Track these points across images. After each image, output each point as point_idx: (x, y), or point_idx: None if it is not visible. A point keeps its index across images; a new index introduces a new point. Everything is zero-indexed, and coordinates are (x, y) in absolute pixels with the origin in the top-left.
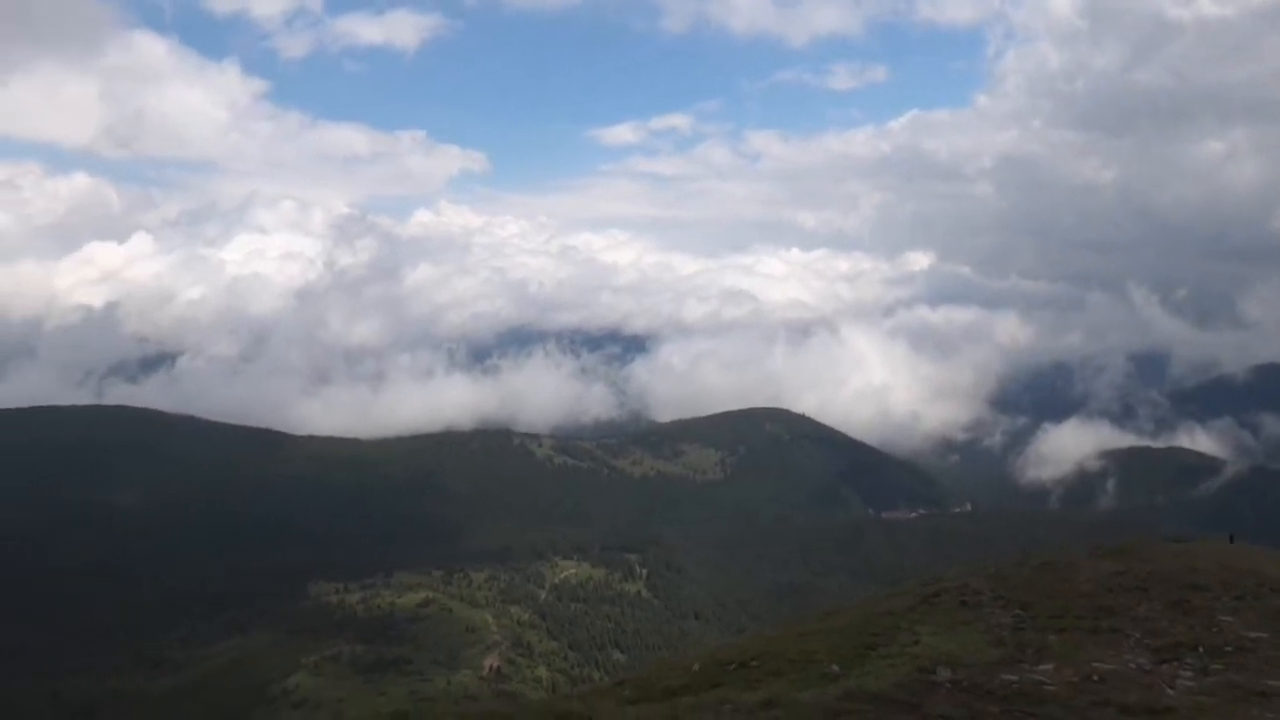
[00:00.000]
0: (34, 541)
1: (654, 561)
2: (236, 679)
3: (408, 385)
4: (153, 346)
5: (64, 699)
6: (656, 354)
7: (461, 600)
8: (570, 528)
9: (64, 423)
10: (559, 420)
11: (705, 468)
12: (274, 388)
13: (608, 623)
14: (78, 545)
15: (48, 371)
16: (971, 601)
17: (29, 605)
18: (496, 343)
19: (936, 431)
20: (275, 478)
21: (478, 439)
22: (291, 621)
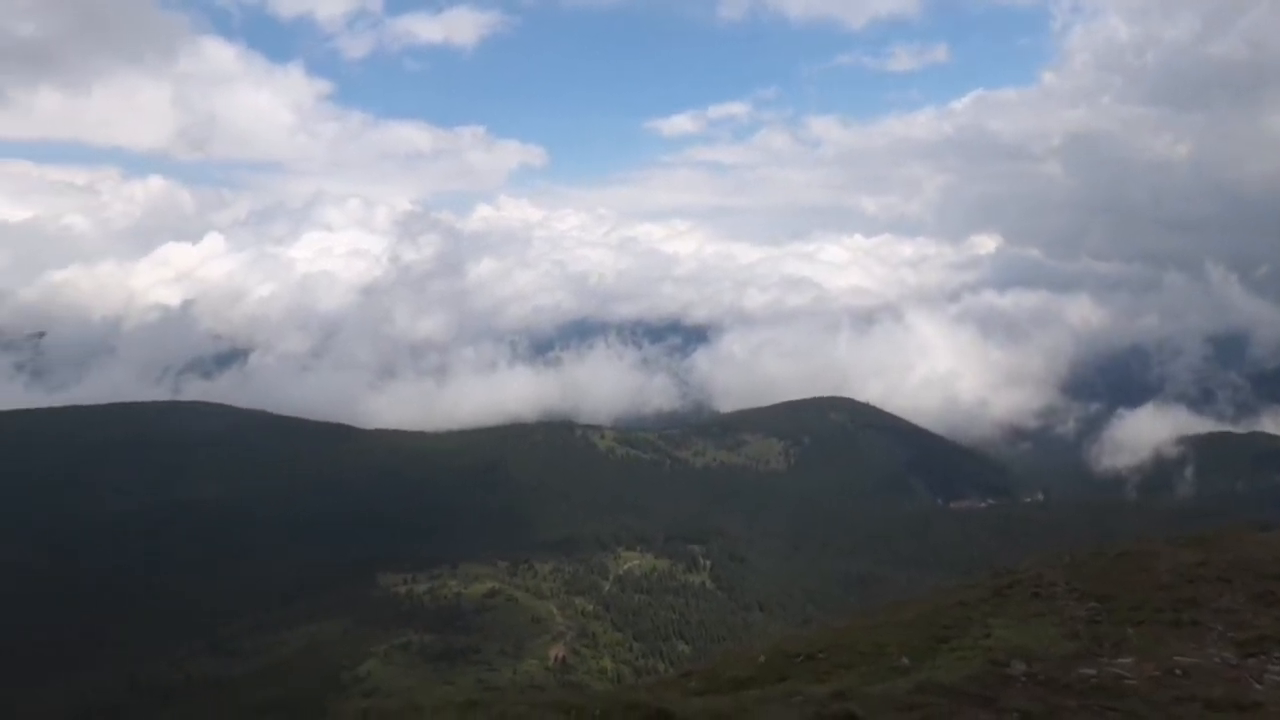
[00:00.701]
0: (114, 533)
1: (717, 552)
2: (308, 666)
3: (471, 378)
4: (226, 343)
5: (142, 685)
6: (718, 344)
7: (527, 591)
8: (633, 519)
9: (143, 418)
10: (621, 411)
11: (768, 458)
12: (342, 382)
13: (672, 614)
14: (155, 536)
15: (127, 369)
16: (1045, 593)
17: (109, 594)
18: (558, 335)
19: (1006, 419)
20: (344, 471)
21: (540, 431)
22: (362, 611)
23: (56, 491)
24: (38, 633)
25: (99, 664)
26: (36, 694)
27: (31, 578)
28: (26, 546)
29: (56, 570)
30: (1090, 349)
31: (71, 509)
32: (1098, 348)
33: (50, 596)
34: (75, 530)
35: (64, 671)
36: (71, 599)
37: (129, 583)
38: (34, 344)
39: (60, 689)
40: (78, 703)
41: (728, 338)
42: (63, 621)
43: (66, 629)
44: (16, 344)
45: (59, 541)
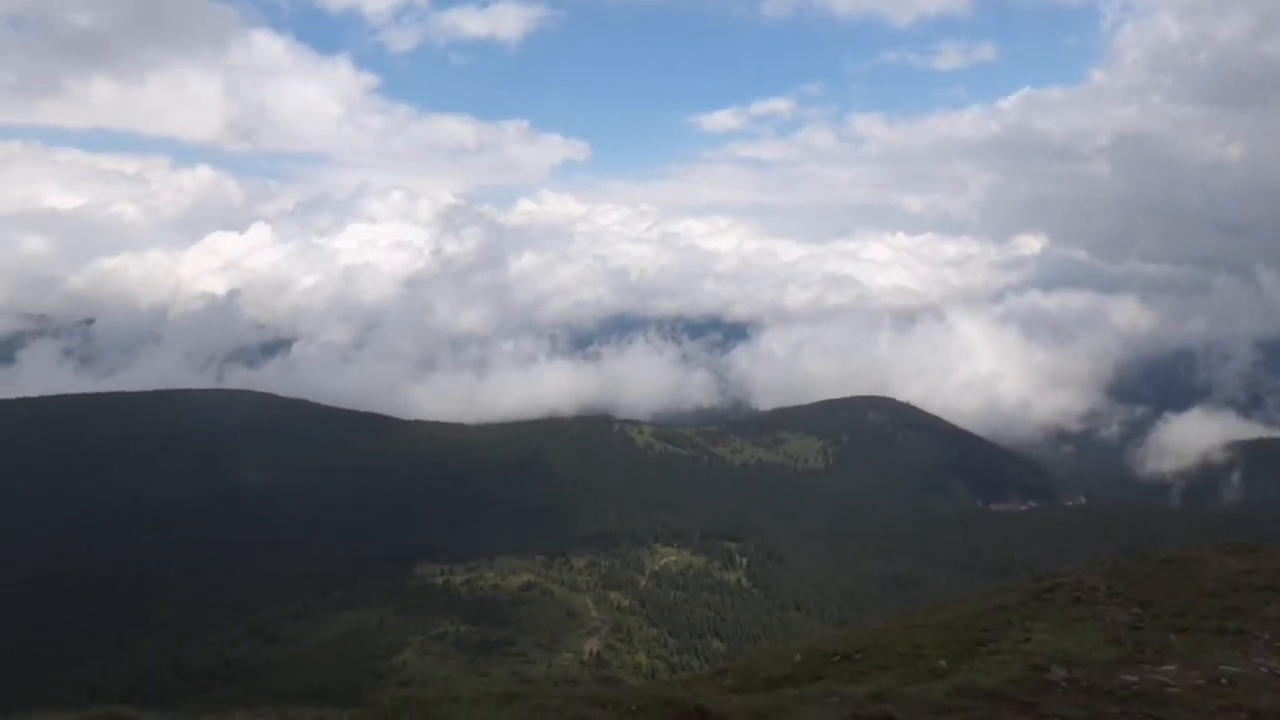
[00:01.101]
0: (159, 518)
1: (754, 550)
2: (346, 655)
3: (511, 372)
4: (270, 333)
5: (185, 669)
6: (758, 341)
7: (563, 584)
8: (670, 515)
9: (187, 406)
10: (659, 407)
11: (807, 456)
12: (383, 373)
13: (707, 611)
14: (198, 522)
15: (173, 356)
16: (1086, 598)
17: (154, 578)
18: (598, 330)
19: (1049, 421)
20: (383, 461)
21: (579, 425)
22: (399, 601)
23: (103, 476)
24: (83, 615)
25: (144, 648)
26: (80, 677)
27: (78, 561)
28: (74, 530)
29: (102, 554)
30: (1136, 352)
31: (118, 494)
32: (1144, 350)
33: (96, 580)
34: (122, 515)
35: (108, 655)
36: (117, 583)
37: (173, 568)
38: (83, 330)
39: (104, 672)
40: (121, 686)
41: (768, 335)
42: (108, 605)
43: (112, 612)
44: (66, 330)
45: (105, 525)
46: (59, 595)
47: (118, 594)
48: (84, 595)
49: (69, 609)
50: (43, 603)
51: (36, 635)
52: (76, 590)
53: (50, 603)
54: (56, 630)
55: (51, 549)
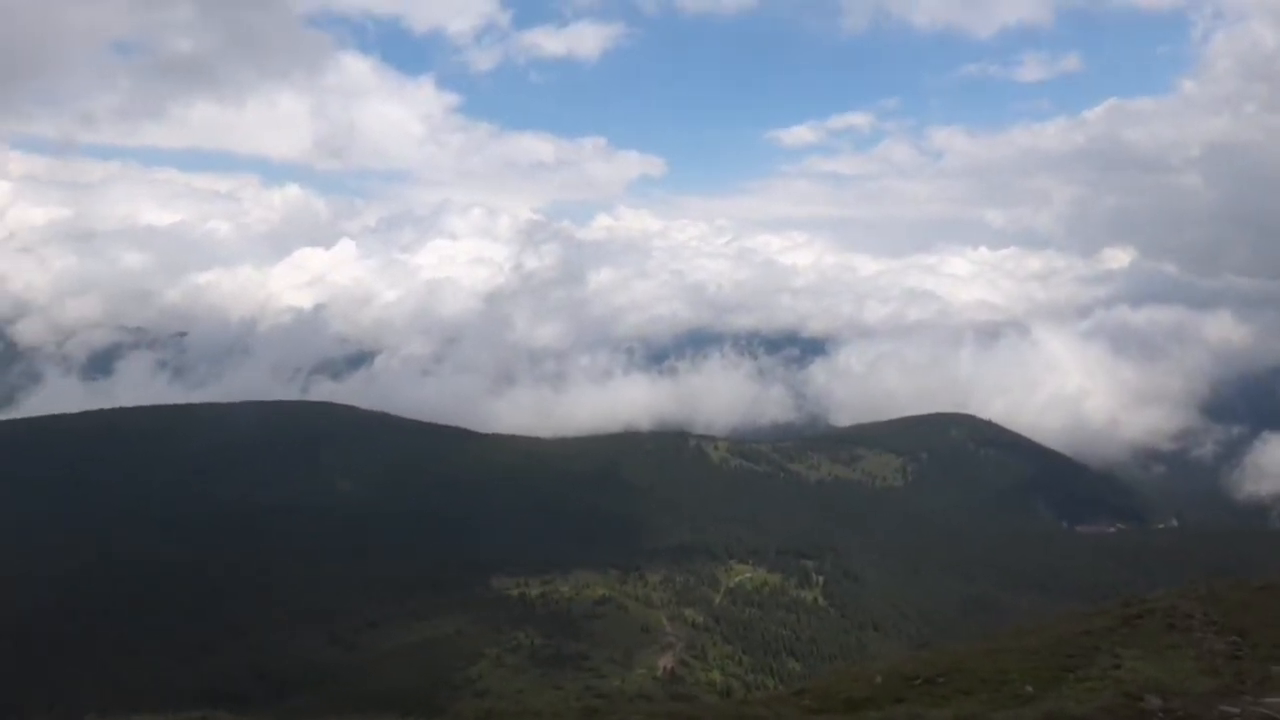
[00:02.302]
0: (243, 526)
1: (831, 569)
2: (422, 664)
3: (587, 386)
4: (353, 346)
5: (266, 674)
6: (835, 356)
7: (637, 600)
8: (745, 531)
9: (274, 417)
10: (736, 422)
11: (885, 474)
12: (462, 386)
13: (783, 629)
14: (281, 530)
15: (261, 368)
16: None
17: (238, 584)
18: (674, 344)
19: (1139, 441)
20: (461, 473)
21: (654, 440)
22: (475, 611)
23: (192, 484)
24: (170, 619)
25: (226, 652)
26: (166, 679)
27: (166, 566)
28: (163, 536)
29: (189, 559)
30: (1231, 369)
31: (205, 501)
32: (1239, 368)
33: (183, 584)
34: (209, 521)
35: (193, 658)
36: (202, 587)
37: (256, 574)
38: (177, 342)
39: (189, 674)
40: (205, 688)
41: (846, 350)
42: (194, 609)
43: (197, 616)
44: (161, 342)
45: (193, 531)
46: (147, 599)
47: (202, 599)
48: (170, 599)
49: (156, 612)
50: (132, 606)
51: (126, 637)
52: (163, 594)
53: (139, 606)
54: (144, 633)
55: (141, 553)
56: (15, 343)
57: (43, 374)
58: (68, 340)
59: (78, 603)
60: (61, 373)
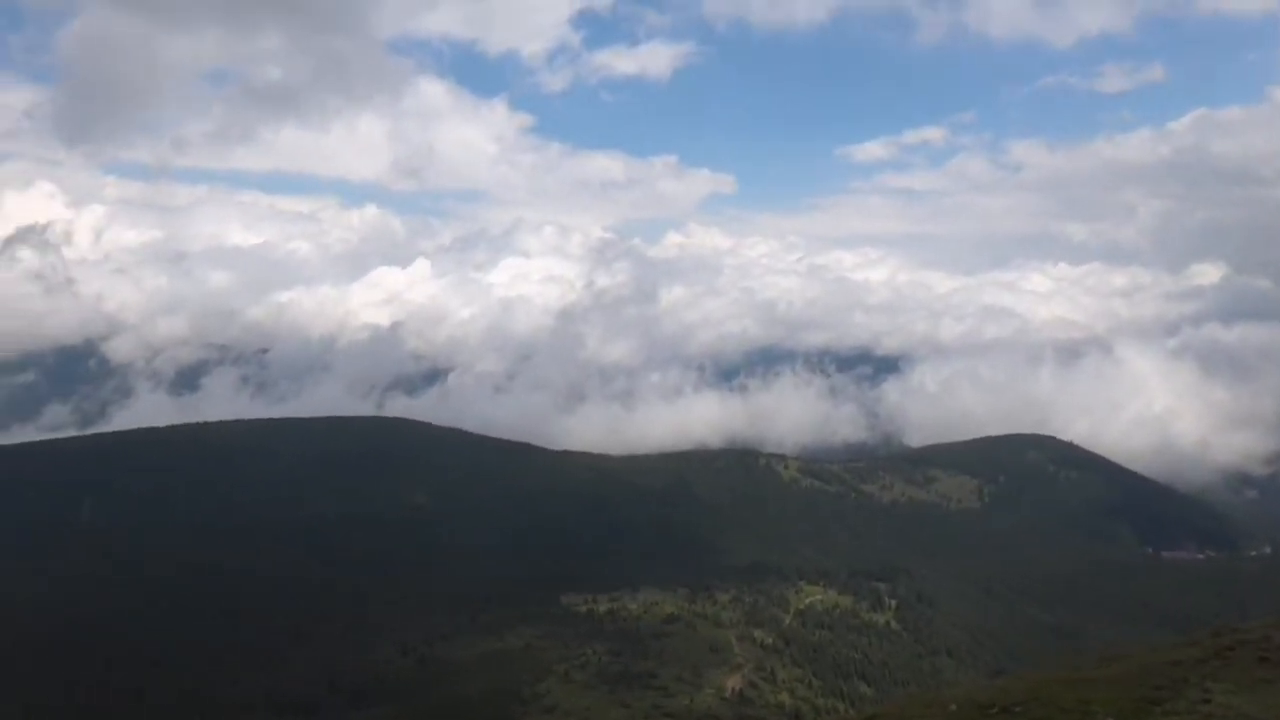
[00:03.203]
0: (320, 538)
1: (904, 592)
2: (491, 678)
3: (657, 404)
4: (428, 363)
5: (340, 685)
6: (909, 375)
7: (706, 619)
8: (815, 552)
9: (351, 432)
10: (807, 441)
11: (960, 496)
12: (534, 403)
13: (854, 653)
14: (356, 543)
15: (340, 384)
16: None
17: (313, 596)
18: (745, 362)
19: (1230, 464)
20: (533, 490)
21: (724, 458)
22: (544, 627)
23: (272, 496)
24: (247, 629)
25: (300, 663)
26: (242, 687)
27: (245, 576)
28: (242, 546)
29: (267, 569)
30: None
31: (284, 513)
32: None
33: (260, 594)
34: (286, 533)
35: (267, 668)
36: (280, 598)
37: (331, 586)
38: (260, 359)
39: (265, 683)
40: (280, 697)
41: (920, 369)
42: (271, 619)
43: (274, 627)
44: (245, 359)
45: (271, 543)
46: (226, 607)
47: (279, 609)
48: (248, 609)
49: (234, 621)
50: (211, 614)
51: (206, 645)
52: (241, 603)
53: (218, 614)
54: (223, 641)
55: (221, 562)
56: (108, 359)
57: (134, 389)
58: (157, 357)
59: (159, 610)
60: (151, 388)
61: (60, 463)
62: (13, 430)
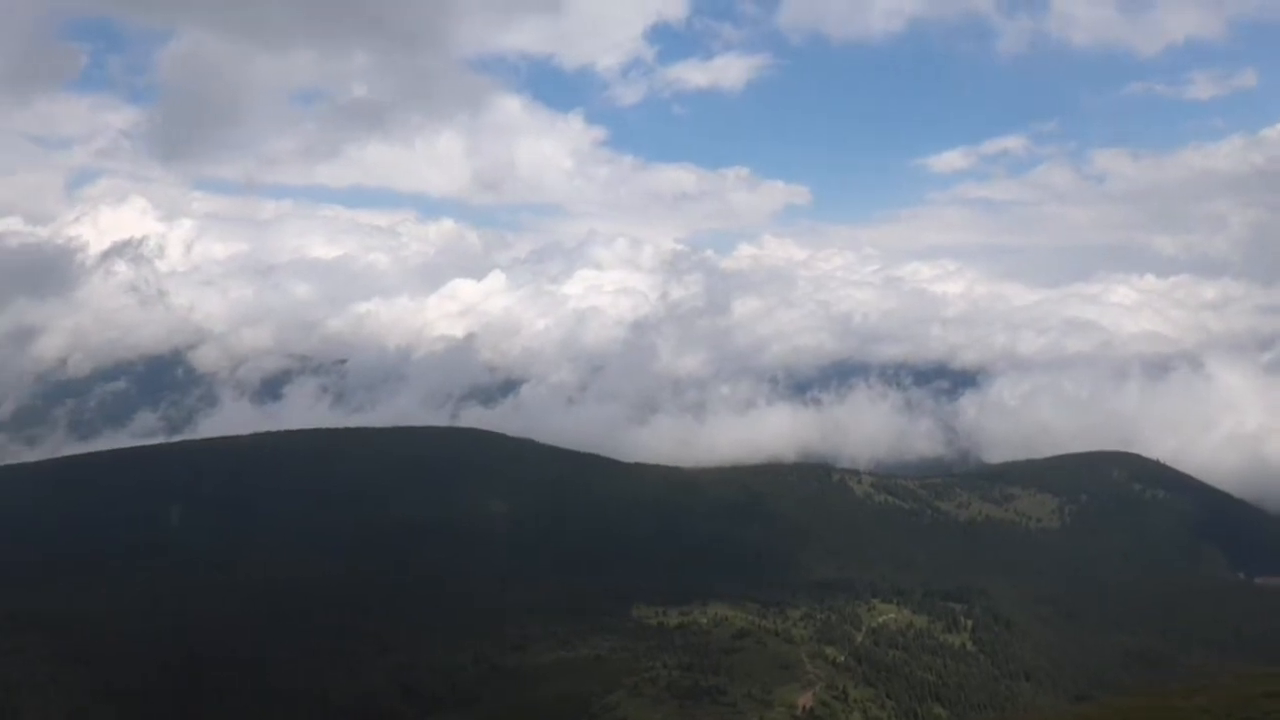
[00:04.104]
0: (395, 547)
1: (980, 613)
2: (561, 688)
3: (729, 416)
4: (501, 374)
5: (414, 691)
6: (988, 389)
7: (776, 635)
8: (889, 570)
9: (427, 441)
10: (881, 456)
11: (1040, 515)
12: (606, 415)
13: (928, 674)
14: (430, 552)
15: (416, 394)
16: None
17: (389, 603)
18: (818, 375)
19: None
20: (603, 501)
21: (796, 472)
22: (614, 639)
23: (350, 504)
24: (324, 634)
25: (376, 669)
26: (322, 692)
27: (324, 581)
28: (321, 553)
29: (345, 575)
30: None
31: (362, 521)
32: None
33: (338, 601)
34: (363, 541)
35: (345, 673)
36: (358, 604)
37: (406, 593)
38: (338, 369)
39: (341, 689)
40: (357, 703)
41: (999, 383)
42: (349, 625)
43: (352, 632)
44: (324, 369)
45: (349, 550)
46: (306, 613)
47: (357, 615)
48: (327, 614)
49: (314, 627)
50: (293, 619)
51: (288, 650)
52: (321, 609)
53: (298, 620)
54: (303, 646)
55: (301, 569)
56: (194, 368)
57: (219, 397)
58: (241, 366)
59: (242, 614)
60: (235, 396)
61: (149, 468)
62: (105, 436)
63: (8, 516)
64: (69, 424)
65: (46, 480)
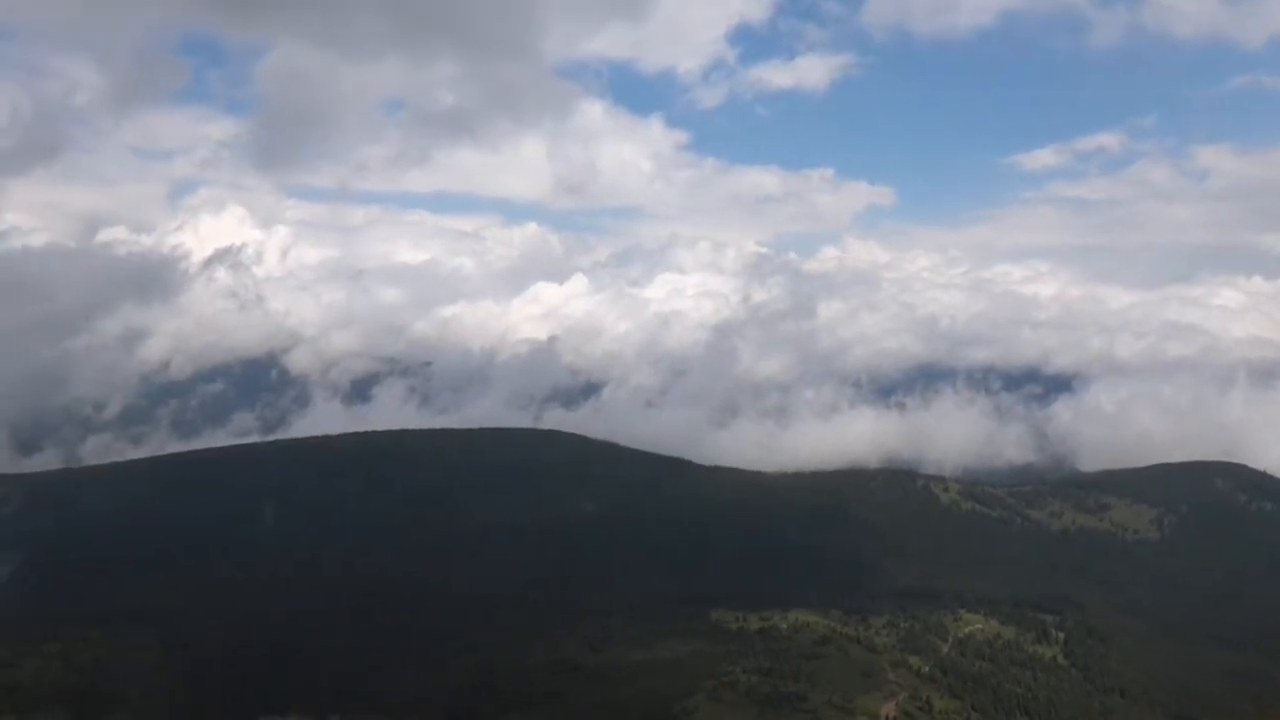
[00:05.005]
0: (478, 546)
1: (1072, 626)
2: (639, 691)
3: (811, 421)
4: (583, 377)
5: (493, 690)
6: (1083, 395)
7: (858, 643)
8: (976, 579)
9: (509, 443)
10: (968, 463)
11: (1137, 526)
12: (686, 418)
13: (1016, 687)
14: (512, 552)
15: (499, 397)
16: None
17: (470, 602)
18: (903, 379)
19: None
20: (683, 504)
21: (880, 478)
22: (694, 643)
23: (436, 503)
24: (408, 632)
25: (459, 667)
26: (404, 689)
27: (409, 580)
28: (407, 552)
29: (429, 575)
30: None
31: (447, 520)
32: None
33: (422, 599)
34: (447, 540)
35: (429, 671)
36: (439, 602)
37: (486, 592)
38: (424, 371)
39: (425, 686)
40: (438, 700)
41: (1094, 388)
42: (431, 623)
43: (434, 630)
44: (411, 371)
45: (432, 549)
46: (393, 609)
47: (438, 613)
48: (412, 611)
49: (398, 624)
50: (379, 616)
51: (373, 646)
52: (404, 606)
53: (385, 616)
54: (387, 643)
55: (385, 566)
56: (288, 370)
57: (311, 398)
58: (331, 369)
59: (332, 609)
60: (326, 397)
61: (246, 467)
62: (205, 435)
63: (115, 511)
64: (171, 423)
65: (150, 477)
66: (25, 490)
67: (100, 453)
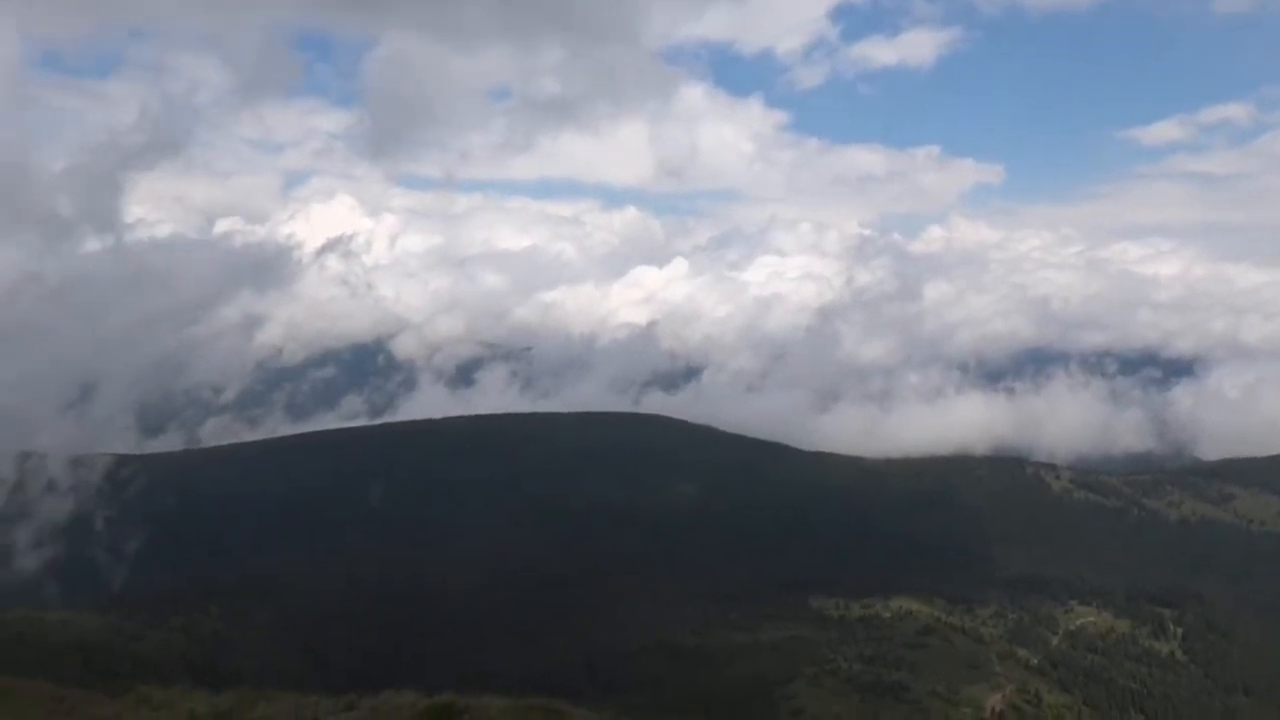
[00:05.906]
0: (580, 528)
1: (1192, 620)
2: (740, 675)
3: (916, 405)
4: (682, 361)
5: (596, 671)
6: (1205, 379)
7: (964, 633)
8: (1089, 571)
9: (610, 427)
10: (1082, 450)
11: (1264, 517)
12: (786, 403)
13: (1131, 682)
14: (614, 535)
15: (599, 381)
16: None
17: (575, 584)
18: (1011, 363)
19: None
20: (784, 489)
21: (987, 465)
22: (793, 629)
23: (537, 486)
24: (510, 612)
25: (562, 648)
26: (511, 666)
27: (511, 561)
28: (513, 533)
29: (531, 556)
30: None
31: (548, 503)
32: None
33: (524, 580)
34: (549, 523)
35: (533, 651)
36: (545, 583)
37: (590, 574)
38: (525, 356)
39: (528, 667)
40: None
41: (1218, 372)
42: (538, 603)
43: (540, 611)
44: (513, 355)
45: (538, 530)
46: (491, 589)
47: (544, 594)
48: (517, 592)
49: (505, 604)
50: (484, 597)
51: (478, 626)
52: (505, 586)
53: (489, 597)
54: (492, 624)
55: (488, 547)
56: (394, 355)
57: (417, 383)
58: (436, 354)
59: (437, 589)
60: (431, 381)
61: (355, 449)
62: (316, 418)
63: (232, 490)
64: (285, 406)
65: (266, 458)
66: (149, 470)
67: (219, 435)
